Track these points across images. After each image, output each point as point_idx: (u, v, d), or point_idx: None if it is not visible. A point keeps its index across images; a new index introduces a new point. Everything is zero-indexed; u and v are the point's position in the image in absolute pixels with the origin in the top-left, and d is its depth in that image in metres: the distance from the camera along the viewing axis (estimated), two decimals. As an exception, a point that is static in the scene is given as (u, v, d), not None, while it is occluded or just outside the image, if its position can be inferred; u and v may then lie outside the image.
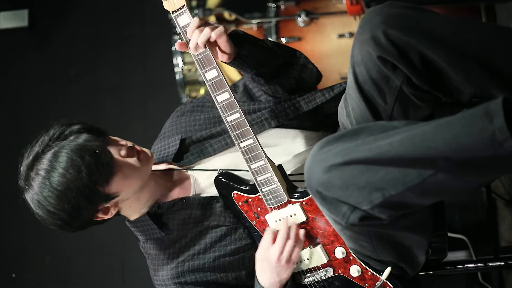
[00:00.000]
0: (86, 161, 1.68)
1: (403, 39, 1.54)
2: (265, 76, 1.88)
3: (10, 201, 3.65)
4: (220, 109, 1.74)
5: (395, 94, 1.63)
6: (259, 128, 1.90)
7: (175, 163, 1.93)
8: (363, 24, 1.60)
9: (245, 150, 1.75)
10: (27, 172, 1.73)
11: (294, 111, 1.91)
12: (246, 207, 1.84)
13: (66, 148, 1.69)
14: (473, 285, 2.80)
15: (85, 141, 1.71)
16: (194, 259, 1.87)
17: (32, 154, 1.73)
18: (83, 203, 1.71)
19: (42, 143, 1.72)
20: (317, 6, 2.92)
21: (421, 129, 1.37)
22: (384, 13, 1.57)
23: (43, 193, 1.70)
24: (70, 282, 3.66)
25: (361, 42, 1.59)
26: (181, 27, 1.74)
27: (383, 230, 1.63)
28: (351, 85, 1.67)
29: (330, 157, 1.44)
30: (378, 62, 1.58)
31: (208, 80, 1.73)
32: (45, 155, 1.71)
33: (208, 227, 1.88)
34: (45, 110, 3.78)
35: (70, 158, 1.68)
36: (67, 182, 1.68)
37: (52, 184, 1.68)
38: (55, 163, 1.69)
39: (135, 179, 1.78)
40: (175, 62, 3.09)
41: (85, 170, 1.67)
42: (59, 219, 1.72)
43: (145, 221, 1.85)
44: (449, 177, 1.37)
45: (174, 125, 1.99)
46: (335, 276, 1.82)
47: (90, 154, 1.69)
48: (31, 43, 3.90)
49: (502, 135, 1.27)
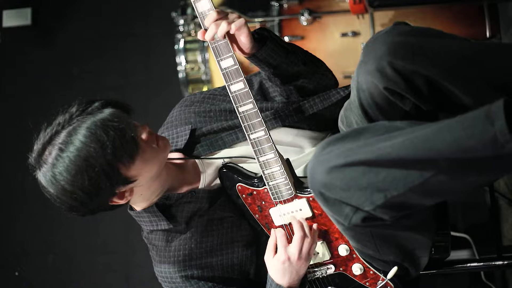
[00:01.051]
0: (111, 136, 1.60)
1: (408, 68, 1.53)
2: (282, 78, 1.86)
3: (13, 199, 3.66)
4: (233, 99, 1.72)
5: (401, 116, 1.64)
6: (271, 125, 1.89)
7: (185, 154, 1.90)
8: (368, 52, 1.59)
9: (255, 142, 1.74)
10: (42, 148, 1.63)
11: (307, 110, 1.90)
12: (250, 200, 1.84)
13: (88, 122, 1.61)
14: (476, 284, 2.80)
15: (109, 115, 1.63)
16: (201, 253, 1.85)
17: (49, 132, 1.64)
18: (103, 183, 1.62)
19: (62, 120, 1.64)
20: (320, 5, 2.92)
21: (423, 131, 1.37)
22: (389, 42, 1.56)
23: (58, 167, 1.60)
24: (73, 280, 3.66)
25: (366, 71, 1.58)
26: (199, 12, 1.71)
27: (386, 231, 1.63)
28: (354, 105, 1.67)
29: (332, 158, 1.44)
30: (385, 93, 1.58)
31: (223, 68, 1.71)
32: (65, 129, 1.62)
33: (215, 220, 1.87)
34: (48, 108, 3.77)
35: (93, 132, 1.59)
36: (89, 157, 1.59)
37: (71, 158, 1.59)
38: (74, 137, 1.60)
39: (154, 165, 1.73)
40: (178, 60, 3.08)
41: (110, 146, 1.59)
42: (75, 199, 1.63)
43: (153, 212, 1.81)
44: (450, 177, 1.37)
45: (182, 115, 1.96)
46: (337, 274, 1.82)
47: (115, 129, 1.61)
48: (34, 42, 3.90)
49: (503, 137, 1.27)
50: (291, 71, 1.85)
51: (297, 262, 1.76)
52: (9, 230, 3.74)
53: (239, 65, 1.71)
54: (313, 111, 1.89)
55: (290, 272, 1.77)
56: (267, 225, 1.84)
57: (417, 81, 1.55)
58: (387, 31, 1.60)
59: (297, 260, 1.75)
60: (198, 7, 1.71)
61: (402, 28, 1.61)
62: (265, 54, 1.78)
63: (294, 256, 1.75)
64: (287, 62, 1.83)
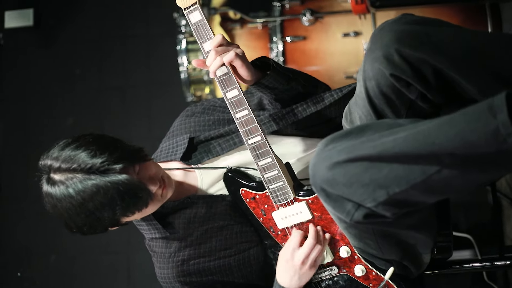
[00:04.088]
0: (125, 200, 1.69)
1: (415, 55, 1.53)
2: (282, 102, 1.90)
3: (15, 201, 3.67)
4: (229, 106, 1.75)
5: (408, 106, 1.64)
6: (266, 128, 1.90)
7: (183, 162, 1.93)
8: (375, 41, 1.59)
9: (253, 147, 1.76)
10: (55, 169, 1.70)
11: (300, 113, 1.91)
12: (254, 204, 1.85)
13: (106, 183, 1.66)
14: (478, 284, 2.80)
15: (128, 180, 1.68)
16: (200, 258, 1.87)
17: (68, 162, 1.69)
18: (102, 227, 1.74)
19: (83, 165, 1.67)
20: (322, 5, 2.92)
21: (425, 126, 1.37)
22: (395, 30, 1.56)
23: (62, 201, 1.69)
24: (75, 281, 3.67)
25: (373, 59, 1.58)
26: (192, 23, 1.75)
27: (387, 228, 1.63)
28: (361, 96, 1.67)
29: (334, 154, 1.44)
30: (392, 80, 1.58)
31: (217, 76, 1.75)
32: (81, 175, 1.67)
33: (213, 226, 1.89)
34: (50, 109, 3.79)
35: (109, 194, 1.67)
36: (97, 210, 1.69)
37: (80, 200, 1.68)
38: (87, 188, 1.67)
39: (155, 208, 1.81)
40: (180, 61, 3.08)
41: (120, 208, 1.69)
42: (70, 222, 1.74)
43: (150, 220, 1.86)
44: (453, 174, 1.36)
45: (183, 124, 2.00)
46: (339, 275, 1.82)
47: (131, 195, 1.69)
48: (36, 43, 3.90)
49: (506, 130, 1.26)
50: (292, 95, 1.88)
51: (301, 267, 1.76)
52: (12, 230, 3.74)
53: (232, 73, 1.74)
54: (306, 114, 1.89)
55: (293, 274, 1.77)
56: (271, 228, 1.85)
57: (424, 70, 1.55)
58: (394, 20, 1.61)
59: (301, 265, 1.76)
60: (191, 18, 1.75)
61: (410, 18, 1.61)
62: (267, 82, 1.81)
63: (299, 260, 1.76)
64: (288, 88, 1.86)
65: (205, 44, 1.75)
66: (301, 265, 1.76)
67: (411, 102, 1.63)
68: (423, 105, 1.63)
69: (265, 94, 1.88)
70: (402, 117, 1.66)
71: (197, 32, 1.75)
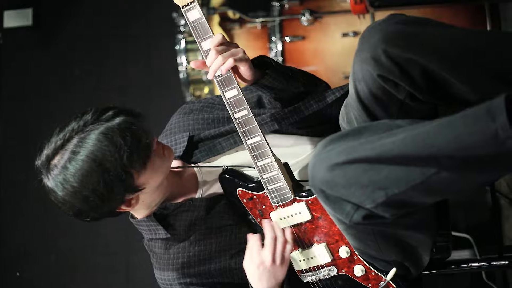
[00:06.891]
0: (128, 141, 1.61)
1: (403, 56, 1.53)
2: (282, 101, 1.88)
3: (15, 200, 3.67)
4: (228, 105, 1.74)
5: (399, 106, 1.64)
6: (268, 128, 1.89)
7: (183, 161, 1.92)
8: (363, 41, 1.58)
9: (252, 147, 1.75)
10: (53, 152, 1.64)
11: (302, 112, 1.90)
12: (251, 204, 1.84)
13: (103, 128, 1.62)
14: (477, 284, 2.80)
15: (125, 121, 1.64)
16: (200, 260, 1.86)
17: (62, 138, 1.64)
18: (117, 187, 1.65)
19: (76, 127, 1.63)
20: (321, 5, 2.92)
21: (424, 128, 1.37)
22: (383, 30, 1.55)
23: (70, 169, 1.61)
24: (74, 281, 3.67)
25: (361, 60, 1.58)
26: (191, 22, 1.73)
27: (387, 229, 1.63)
28: (353, 98, 1.67)
29: (333, 156, 1.44)
30: (379, 80, 1.57)
31: (216, 76, 1.73)
32: (78, 135, 1.63)
33: (213, 227, 1.88)
34: (50, 109, 3.78)
35: (109, 137, 1.60)
36: (104, 160, 1.60)
37: (85, 159, 1.60)
38: (89, 141, 1.60)
39: (161, 174, 1.75)
40: (179, 61, 3.08)
41: (126, 150, 1.61)
42: (86, 202, 1.64)
43: (151, 221, 1.84)
44: (452, 175, 1.37)
45: (181, 122, 1.98)
46: (339, 275, 1.82)
47: (132, 134, 1.63)
48: (35, 42, 3.90)
49: (504, 133, 1.26)
50: (291, 94, 1.87)
51: (272, 266, 1.74)
52: (11, 230, 3.74)
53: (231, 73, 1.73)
54: (308, 113, 1.89)
55: (266, 277, 1.75)
56: None
57: (413, 70, 1.54)
58: (383, 20, 1.60)
59: (272, 264, 1.73)
60: (189, 17, 1.73)
61: (399, 18, 1.60)
62: (267, 82, 1.80)
63: (268, 259, 1.73)
64: (287, 87, 1.85)
65: (203, 42, 1.73)
66: (272, 264, 1.73)
67: (401, 102, 1.63)
68: (414, 105, 1.63)
69: (264, 93, 1.88)
70: (394, 116, 1.65)
71: (195, 31, 1.73)
